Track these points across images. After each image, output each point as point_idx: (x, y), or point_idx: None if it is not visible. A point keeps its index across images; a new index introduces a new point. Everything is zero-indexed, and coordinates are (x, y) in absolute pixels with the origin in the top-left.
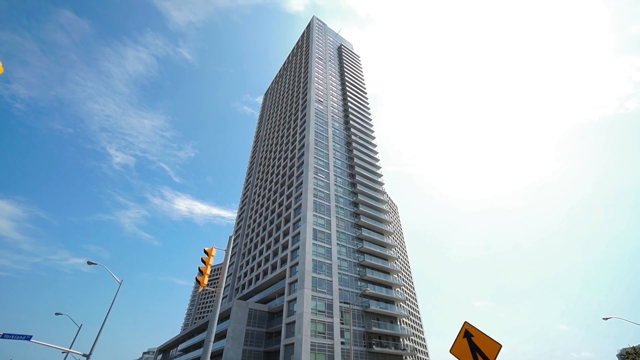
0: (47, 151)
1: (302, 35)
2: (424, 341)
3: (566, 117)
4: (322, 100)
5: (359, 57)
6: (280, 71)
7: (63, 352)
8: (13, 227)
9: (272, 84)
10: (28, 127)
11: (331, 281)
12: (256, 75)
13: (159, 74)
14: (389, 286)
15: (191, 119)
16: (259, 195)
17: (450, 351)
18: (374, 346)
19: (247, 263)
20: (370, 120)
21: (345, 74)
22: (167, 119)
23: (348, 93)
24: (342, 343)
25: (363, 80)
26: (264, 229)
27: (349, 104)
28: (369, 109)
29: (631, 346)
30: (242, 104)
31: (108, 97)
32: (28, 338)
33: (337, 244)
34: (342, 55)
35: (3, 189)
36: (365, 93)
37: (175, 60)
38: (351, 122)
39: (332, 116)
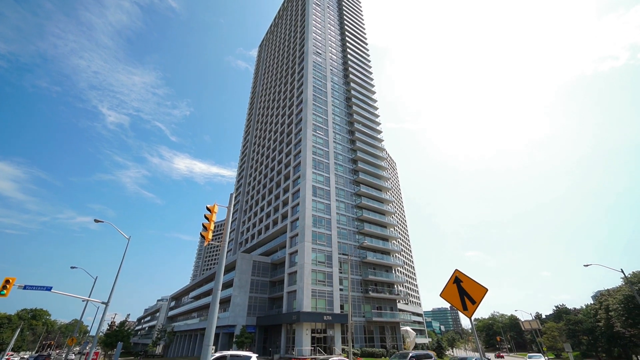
0: (37, 111)
1: None
2: (417, 287)
3: (571, 68)
4: (320, 52)
5: (359, 2)
6: (275, 20)
7: (83, 301)
8: (16, 188)
9: (266, 34)
10: (13, 85)
11: (330, 235)
12: (249, 25)
13: (144, 25)
14: (385, 239)
15: (183, 75)
16: (257, 153)
17: (440, 295)
18: (370, 292)
19: (250, 219)
20: (371, 74)
21: (345, 22)
22: (157, 75)
23: (348, 44)
24: (341, 289)
25: (364, 29)
26: (264, 186)
27: (348, 56)
28: (369, 61)
29: (605, 289)
30: (235, 58)
31: (93, 51)
32: (48, 289)
33: (336, 200)
34: (342, 1)
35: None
36: (366, 44)
37: (160, 9)
38: (351, 75)
39: (331, 69)
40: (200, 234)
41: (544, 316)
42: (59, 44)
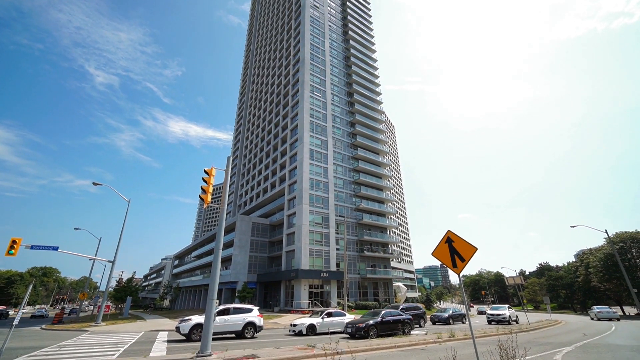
0: (20, 70)
1: None
2: (410, 246)
3: (582, 25)
4: (317, 5)
5: None
6: None
7: (90, 260)
8: (10, 151)
9: None
10: None
11: (327, 197)
12: None
13: None
14: (381, 201)
15: (171, 32)
16: (254, 116)
17: (432, 254)
18: (365, 251)
19: (247, 182)
20: (372, 30)
21: None
22: (145, 31)
23: None
24: (337, 249)
25: None
26: (262, 150)
27: (348, 10)
28: (370, 16)
29: (588, 248)
30: (227, 13)
31: (72, 4)
32: (55, 248)
33: (334, 163)
34: None
35: None
36: None
37: None
38: (350, 32)
39: (329, 25)
40: (200, 196)
41: (527, 273)
42: None
